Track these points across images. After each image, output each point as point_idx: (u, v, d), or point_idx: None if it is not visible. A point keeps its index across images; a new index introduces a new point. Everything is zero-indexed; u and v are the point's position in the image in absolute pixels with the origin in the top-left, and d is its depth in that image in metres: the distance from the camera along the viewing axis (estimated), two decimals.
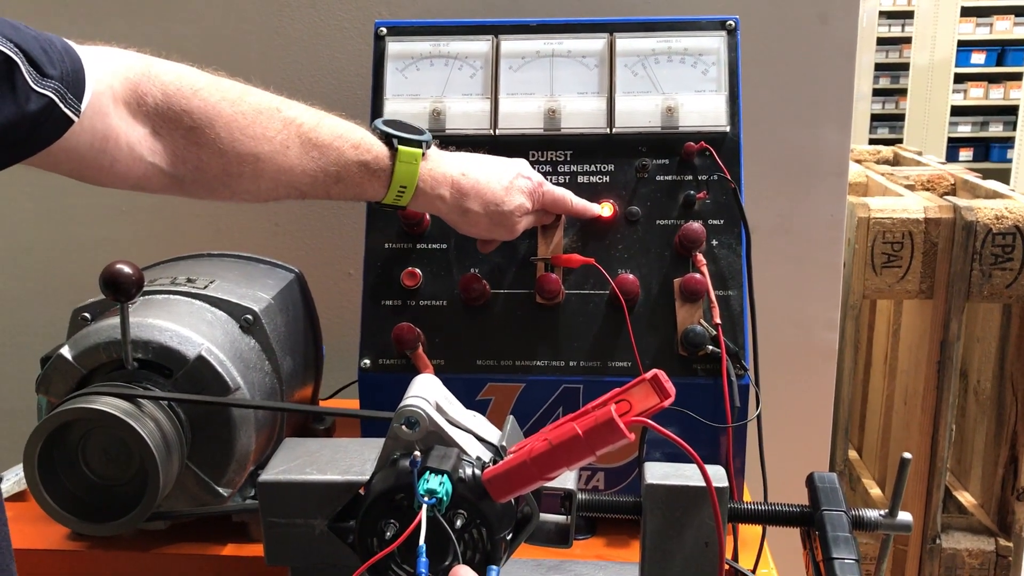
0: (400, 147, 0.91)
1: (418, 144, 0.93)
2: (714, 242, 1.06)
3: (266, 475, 0.78)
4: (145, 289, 1.04)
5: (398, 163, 0.91)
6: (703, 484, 0.73)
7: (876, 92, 7.62)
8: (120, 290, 0.87)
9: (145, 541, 1.03)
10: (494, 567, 0.68)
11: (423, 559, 0.65)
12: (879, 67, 7.61)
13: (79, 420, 0.87)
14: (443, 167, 0.95)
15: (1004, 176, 5.96)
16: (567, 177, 1.09)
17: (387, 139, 0.92)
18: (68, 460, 0.90)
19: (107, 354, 0.95)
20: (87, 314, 1.03)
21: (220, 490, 0.97)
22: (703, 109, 1.09)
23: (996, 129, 7.26)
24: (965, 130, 7.20)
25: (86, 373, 0.94)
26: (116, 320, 0.93)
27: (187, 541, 1.03)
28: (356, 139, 0.90)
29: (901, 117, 7.54)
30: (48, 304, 1.46)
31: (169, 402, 0.92)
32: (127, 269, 0.87)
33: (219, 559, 1.02)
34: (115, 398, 0.87)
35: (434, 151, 0.96)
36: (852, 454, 2.18)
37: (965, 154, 7.24)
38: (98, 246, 1.51)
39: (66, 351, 0.96)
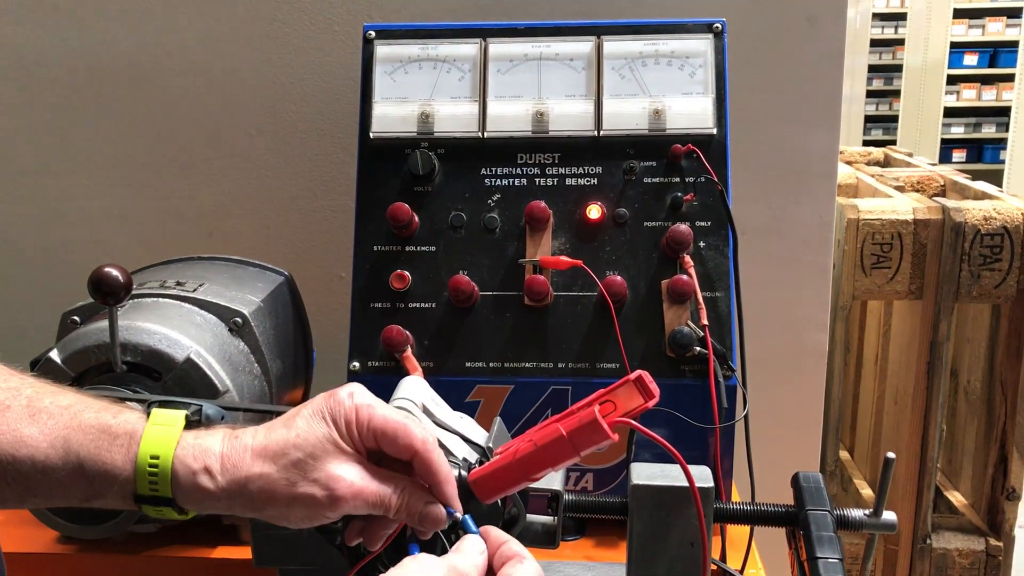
0: (155, 408, 0.70)
1: (183, 405, 0.72)
2: (701, 244, 1.06)
3: None
4: (134, 292, 1.04)
5: (149, 425, 0.68)
6: (688, 484, 0.74)
7: (869, 94, 7.65)
8: (109, 293, 0.87)
9: (135, 544, 1.03)
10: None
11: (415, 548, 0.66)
12: (872, 69, 7.64)
13: None
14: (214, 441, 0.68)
15: (997, 177, 5.98)
16: (555, 179, 1.09)
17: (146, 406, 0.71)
18: None
19: (96, 357, 0.95)
20: (76, 317, 1.03)
21: None
22: (690, 111, 1.10)
23: (989, 130, 7.29)
24: (958, 131, 7.23)
25: (75, 376, 0.95)
26: (105, 323, 0.94)
27: (177, 544, 1.04)
28: (104, 403, 0.70)
29: (894, 119, 7.57)
30: (37, 307, 1.45)
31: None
32: (115, 272, 0.88)
33: (208, 562, 1.02)
34: None
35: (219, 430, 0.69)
36: (843, 454, 2.19)
37: (958, 155, 7.27)
38: (88, 249, 1.51)
39: (55, 354, 0.96)
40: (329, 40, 1.42)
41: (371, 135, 1.12)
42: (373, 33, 1.14)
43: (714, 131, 1.09)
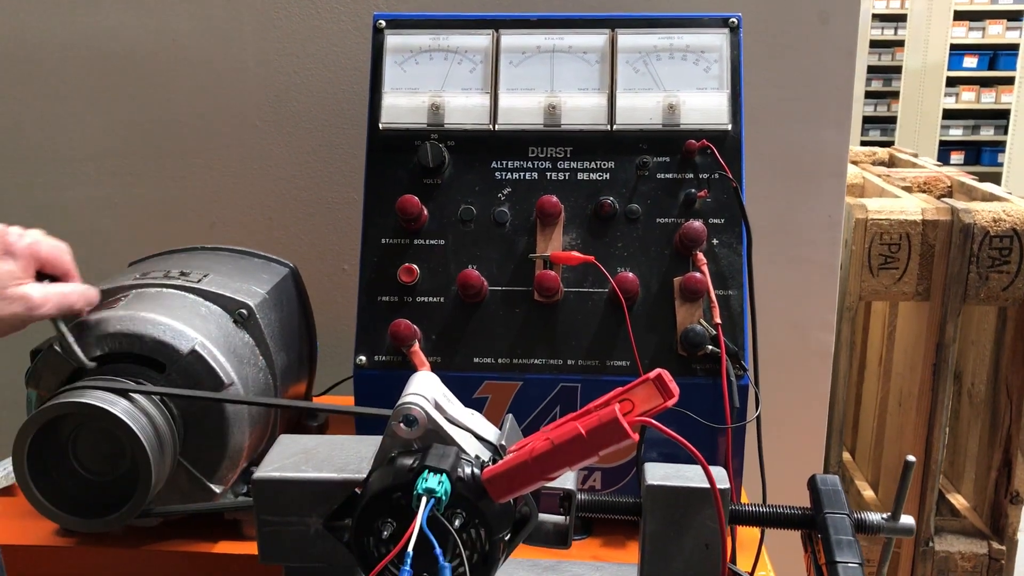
0: None
1: None
2: (715, 241, 1.05)
3: (261, 472, 0.76)
4: (138, 282, 1.03)
5: None
6: (704, 485, 0.72)
7: (868, 95, 7.66)
8: None
9: (136, 538, 1.02)
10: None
11: (411, 554, 0.64)
12: (871, 69, 7.65)
13: (69, 415, 0.86)
14: None
15: (995, 180, 5.97)
16: (567, 174, 1.08)
17: None
18: (58, 455, 0.88)
19: (99, 347, 0.93)
20: None
21: (212, 487, 0.95)
22: (705, 107, 1.08)
23: (987, 133, 7.30)
24: (957, 133, 7.24)
25: (76, 367, 0.93)
26: (111, 312, 0.92)
27: (178, 538, 1.02)
28: None
29: (893, 120, 7.57)
30: None
31: (162, 397, 0.90)
32: None
33: (211, 557, 1.01)
34: (106, 392, 0.86)
35: None
36: (845, 455, 2.18)
37: (956, 157, 7.28)
38: (90, 239, 1.49)
39: (56, 344, 0.94)
40: (338, 29, 1.40)
41: (380, 126, 1.10)
42: (384, 22, 1.13)
43: (729, 127, 1.08)
